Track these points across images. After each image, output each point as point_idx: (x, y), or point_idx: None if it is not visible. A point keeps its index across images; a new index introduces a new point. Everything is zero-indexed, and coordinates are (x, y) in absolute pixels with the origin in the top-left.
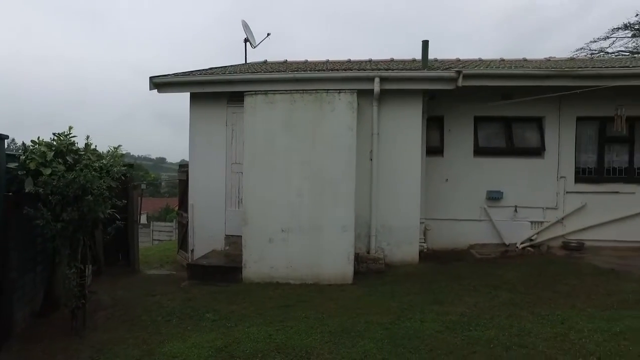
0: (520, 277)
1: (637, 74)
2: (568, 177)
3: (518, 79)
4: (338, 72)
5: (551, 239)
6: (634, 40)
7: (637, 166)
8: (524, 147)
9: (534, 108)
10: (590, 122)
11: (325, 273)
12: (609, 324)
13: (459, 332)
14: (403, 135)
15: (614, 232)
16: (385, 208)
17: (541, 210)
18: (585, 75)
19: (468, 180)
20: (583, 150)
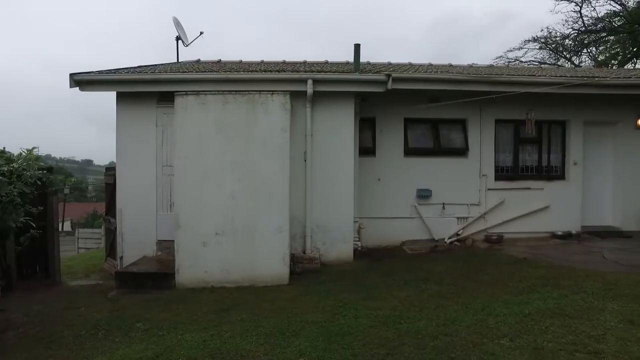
0: (448, 270)
1: (542, 82)
2: (489, 175)
3: (443, 83)
4: (271, 74)
5: (475, 233)
6: (541, 52)
7: (544, 164)
8: (450, 147)
9: (458, 111)
10: (506, 124)
11: (261, 275)
12: (521, 307)
13: (390, 325)
14: (336, 136)
15: (528, 224)
16: (320, 208)
17: (466, 206)
18: (501, 82)
19: (399, 180)
20: (501, 150)
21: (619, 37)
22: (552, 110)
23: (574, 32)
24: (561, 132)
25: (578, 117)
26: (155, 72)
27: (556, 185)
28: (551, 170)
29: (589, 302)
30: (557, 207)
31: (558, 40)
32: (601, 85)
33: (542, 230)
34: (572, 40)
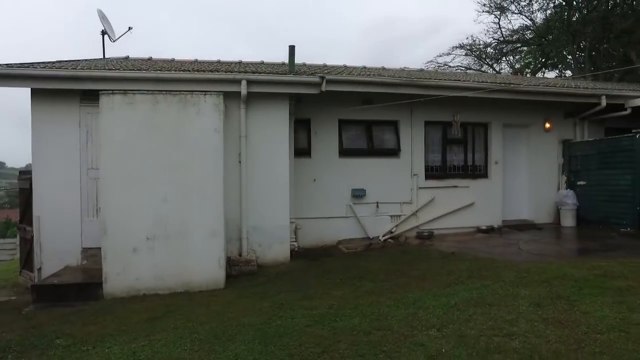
0: (382, 267)
1: (466, 87)
2: (420, 174)
3: (376, 86)
4: (205, 74)
5: (408, 230)
6: (467, 58)
7: (470, 164)
8: (383, 148)
9: (391, 113)
10: (435, 126)
11: (196, 280)
12: (448, 299)
13: (326, 324)
14: (271, 138)
15: (455, 220)
16: (256, 210)
17: (399, 205)
18: (430, 85)
19: (334, 180)
20: (431, 151)
21: (531, 48)
22: (476, 113)
23: (495, 42)
24: (484, 134)
25: (498, 120)
26: (77, 69)
27: (480, 183)
28: (476, 169)
29: (506, 290)
30: (481, 203)
31: (481, 48)
32: (516, 92)
33: (469, 225)
34: (493, 48)
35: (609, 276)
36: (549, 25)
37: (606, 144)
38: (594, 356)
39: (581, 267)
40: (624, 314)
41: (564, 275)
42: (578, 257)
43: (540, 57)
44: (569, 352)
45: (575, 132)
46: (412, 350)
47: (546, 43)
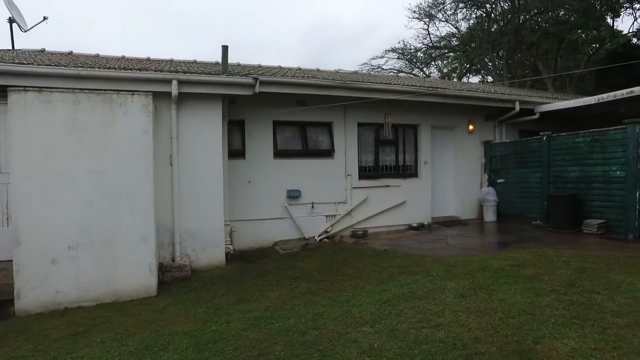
0: (317, 266)
1: (397, 90)
2: (354, 174)
3: (309, 88)
4: (132, 72)
5: (343, 229)
6: (399, 62)
7: (401, 164)
8: (318, 149)
9: (325, 114)
10: (368, 127)
11: (125, 289)
12: (381, 295)
13: (262, 326)
14: (204, 139)
15: (388, 218)
16: (189, 213)
17: (334, 205)
18: (361, 88)
19: (270, 181)
20: (364, 151)
21: (457, 54)
22: (406, 115)
23: (424, 47)
24: (414, 135)
25: (427, 122)
26: None
27: (411, 182)
28: (407, 169)
29: (434, 284)
30: (412, 201)
31: (412, 52)
32: (443, 95)
33: (401, 223)
34: (423, 53)
35: (521, 266)
36: (472, 34)
37: (520, 145)
38: (506, 338)
39: (499, 259)
40: (532, 298)
41: (485, 267)
42: (497, 250)
43: (465, 63)
44: (487, 337)
45: (495, 134)
46: (346, 347)
47: (470, 50)
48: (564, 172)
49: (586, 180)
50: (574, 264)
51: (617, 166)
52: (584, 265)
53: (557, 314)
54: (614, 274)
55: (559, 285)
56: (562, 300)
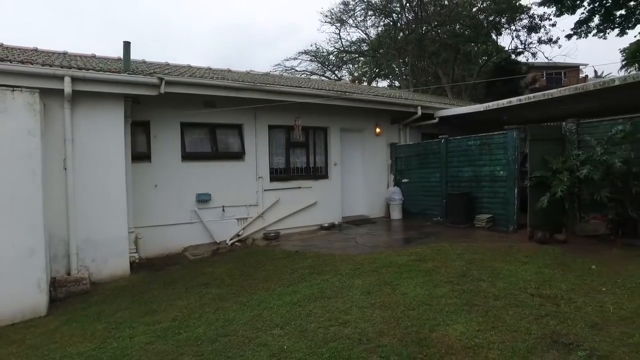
0: (228, 271)
1: (306, 93)
2: (265, 177)
3: (219, 89)
4: (13, 65)
5: (255, 232)
6: (311, 64)
7: (312, 165)
8: (228, 151)
9: (235, 116)
10: (279, 129)
11: (7, 311)
12: (291, 297)
13: (169, 338)
14: (103, 141)
15: (300, 219)
16: (88, 221)
17: (245, 207)
18: (271, 91)
19: (178, 185)
20: (275, 154)
21: (366, 59)
22: (316, 117)
23: (336, 50)
24: (324, 137)
25: (336, 125)
26: None
27: (321, 183)
28: (317, 171)
29: (343, 282)
30: (323, 202)
31: (324, 56)
32: (351, 99)
33: (312, 223)
34: (335, 57)
35: (422, 260)
36: (380, 40)
37: (422, 147)
38: (406, 329)
39: (403, 255)
40: (430, 290)
41: (390, 263)
42: (402, 246)
43: (375, 67)
44: (389, 330)
45: (399, 137)
46: (256, 352)
47: (378, 56)
48: (459, 172)
49: (477, 179)
50: (466, 256)
51: (500, 167)
52: (474, 256)
53: (450, 303)
54: (496, 262)
55: (453, 276)
56: (455, 290)
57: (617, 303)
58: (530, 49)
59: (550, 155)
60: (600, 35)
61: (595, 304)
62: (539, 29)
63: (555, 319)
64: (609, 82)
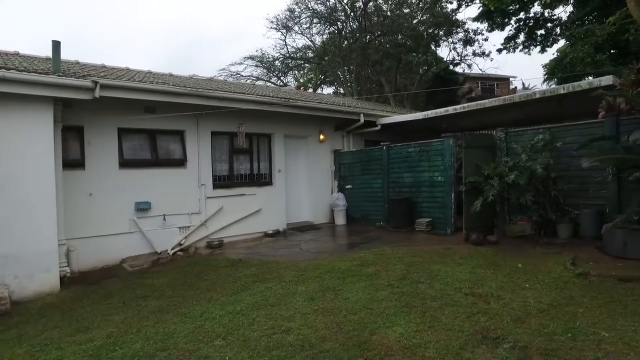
0: (169, 282)
1: (250, 100)
2: (207, 184)
3: (159, 94)
4: None
5: (198, 240)
6: (257, 69)
7: (256, 172)
8: (169, 158)
9: (177, 122)
10: (222, 136)
11: None
12: (234, 306)
13: (103, 356)
14: (30, 148)
15: (244, 227)
16: (9, 234)
17: (187, 215)
18: (214, 97)
19: (115, 193)
20: (218, 160)
21: (312, 66)
22: (260, 124)
23: (281, 57)
24: (268, 144)
25: (280, 131)
26: None
27: (266, 190)
28: (261, 177)
29: (286, 289)
30: (268, 209)
31: (270, 61)
32: (295, 106)
33: (257, 231)
34: (280, 62)
35: (364, 265)
36: (325, 48)
37: (364, 153)
38: (348, 334)
39: (346, 260)
40: (372, 294)
41: (333, 268)
42: (345, 251)
43: (320, 74)
44: (331, 335)
45: (343, 143)
46: None
47: (324, 63)
48: (401, 178)
49: (417, 185)
50: (406, 259)
51: (438, 172)
52: (414, 259)
53: (390, 306)
54: (434, 264)
55: (394, 280)
56: (395, 293)
57: (537, 297)
58: (466, 60)
59: (482, 161)
60: (525, 51)
61: (519, 300)
62: (473, 43)
63: (485, 315)
64: (531, 95)
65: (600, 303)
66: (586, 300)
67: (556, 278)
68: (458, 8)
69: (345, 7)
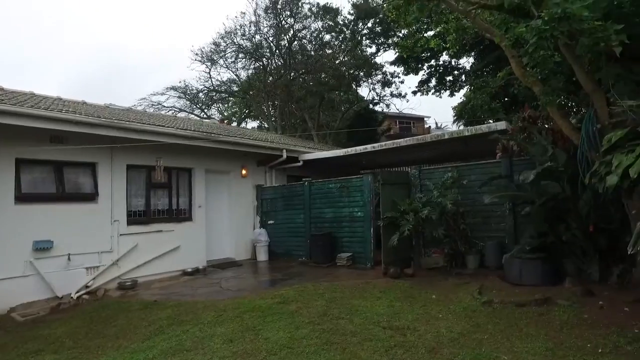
0: (70, 331)
1: (169, 133)
2: (121, 220)
3: (66, 124)
4: None
5: (108, 281)
6: (180, 101)
7: (175, 208)
8: (78, 192)
9: (88, 153)
10: (139, 169)
11: None
12: (145, 353)
13: None
14: None
15: (161, 265)
16: None
17: (97, 254)
18: (132, 129)
19: (9, 232)
20: (134, 195)
21: (236, 99)
22: (180, 158)
23: (206, 89)
24: (188, 178)
25: (201, 166)
26: None
27: (185, 226)
28: (180, 213)
29: (204, 332)
30: (187, 246)
31: (194, 93)
32: (217, 141)
33: (175, 269)
34: (204, 95)
35: (285, 302)
36: (250, 83)
37: (287, 189)
38: None
39: (267, 298)
40: (292, 332)
41: (254, 307)
42: (267, 289)
43: (245, 108)
44: None
45: (265, 179)
46: None
47: (248, 97)
48: (322, 213)
49: (338, 220)
50: (327, 295)
51: (358, 208)
52: (335, 295)
53: (311, 344)
54: (355, 299)
55: (315, 316)
56: (316, 330)
57: (449, 327)
58: (384, 100)
59: (399, 197)
60: (437, 94)
61: (433, 331)
62: (391, 84)
63: (402, 348)
64: (441, 135)
65: (502, 328)
66: (490, 327)
67: (465, 307)
68: (377, 52)
69: (271, 45)
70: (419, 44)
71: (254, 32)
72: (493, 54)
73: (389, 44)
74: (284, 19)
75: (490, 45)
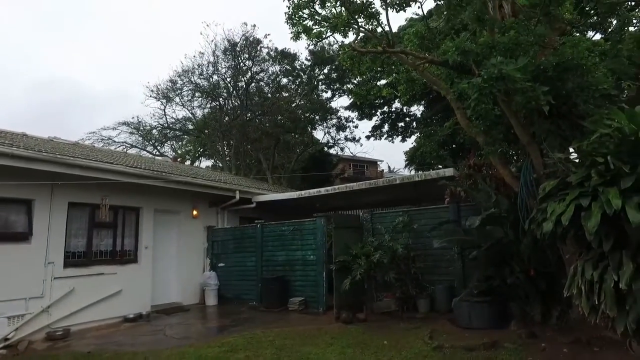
0: None
1: (117, 170)
2: (57, 262)
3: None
4: None
5: (35, 331)
6: (132, 136)
7: (119, 249)
8: (7, 231)
9: (24, 190)
10: (82, 207)
11: None
12: None
13: None
14: None
15: (100, 311)
16: None
17: (24, 301)
18: (75, 165)
19: None
20: (74, 235)
21: (191, 138)
22: (127, 196)
23: (160, 126)
24: (135, 218)
25: (150, 205)
26: None
27: (129, 268)
28: (125, 254)
29: None
30: (130, 290)
31: (147, 129)
32: (167, 180)
33: (115, 315)
34: (158, 132)
35: (233, 350)
36: (206, 121)
37: (239, 231)
38: None
39: (214, 346)
40: None
41: (200, 356)
42: (214, 336)
43: (199, 147)
44: None
45: (217, 220)
46: None
47: (203, 136)
48: (274, 256)
49: (290, 263)
50: (277, 342)
51: (310, 251)
52: (285, 342)
53: None
54: (306, 346)
55: None
56: None
57: None
58: (339, 144)
59: (351, 241)
60: (389, 139)
61: None
62: (345, 129)
63: None
64: (393, 180)
65: None
66: None
67: (417, 353)
68: (332, 97)
69: (228, 85)
70: (372, 92)
71: (211, 72)
72: (441, 103)
73: (344, 90)
74: (242, 61)
75: (438, 96)
